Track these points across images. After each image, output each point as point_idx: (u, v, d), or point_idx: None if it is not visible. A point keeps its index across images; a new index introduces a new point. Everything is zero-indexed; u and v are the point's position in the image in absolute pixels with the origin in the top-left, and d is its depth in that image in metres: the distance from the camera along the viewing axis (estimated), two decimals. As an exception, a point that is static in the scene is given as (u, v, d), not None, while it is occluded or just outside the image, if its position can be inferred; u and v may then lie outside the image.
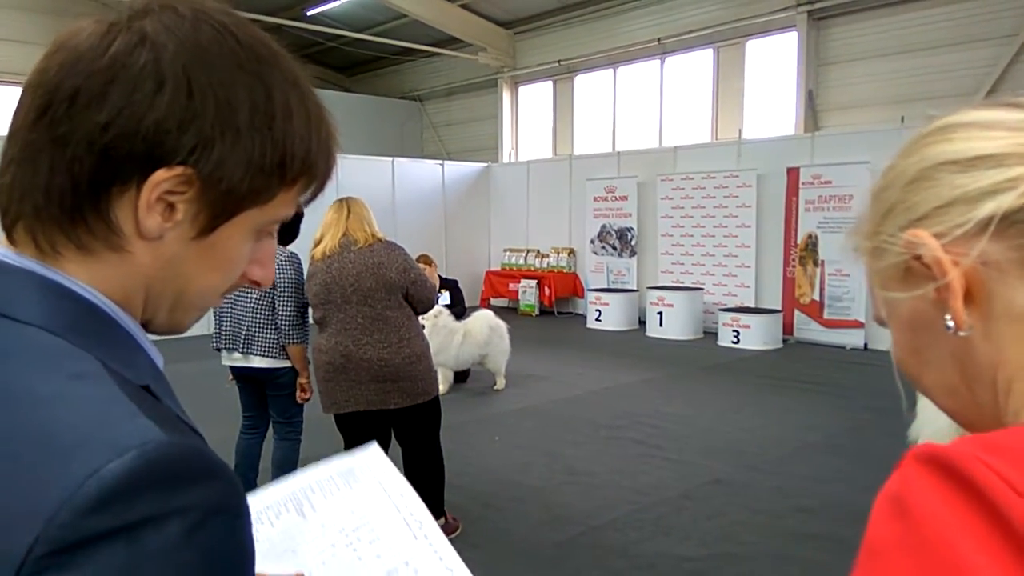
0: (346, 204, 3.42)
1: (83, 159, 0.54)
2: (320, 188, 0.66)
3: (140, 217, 0.56)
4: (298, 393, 3.64)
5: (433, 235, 12.28)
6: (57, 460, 0.46)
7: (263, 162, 0.58)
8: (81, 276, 0.57)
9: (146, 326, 0.63)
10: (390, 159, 12.46)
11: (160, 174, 0.55)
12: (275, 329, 3.50)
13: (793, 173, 9.31)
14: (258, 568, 0.86)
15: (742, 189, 9.91)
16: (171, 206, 0.57)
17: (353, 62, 16.55)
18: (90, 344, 0.54)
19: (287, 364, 3.55)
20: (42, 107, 0.55)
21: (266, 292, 3.46)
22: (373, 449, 0.99)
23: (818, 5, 9.75)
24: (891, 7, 9.30)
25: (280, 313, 3.47)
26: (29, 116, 0.56)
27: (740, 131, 10.78)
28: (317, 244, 3.41)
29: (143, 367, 0.58)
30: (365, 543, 0.89)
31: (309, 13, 13.43)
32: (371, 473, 0.95)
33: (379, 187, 11.62)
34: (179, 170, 0.55)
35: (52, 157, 0.55)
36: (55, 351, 0.53)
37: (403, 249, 3.41)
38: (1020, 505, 0.37)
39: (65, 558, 0.44)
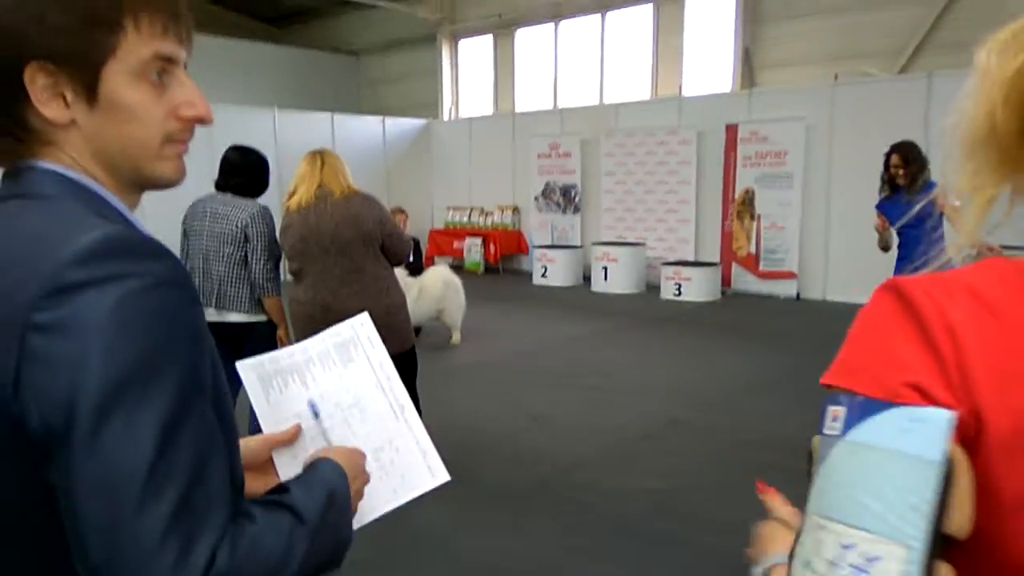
0: (320, 156, 3.41)
1: None
2: (169, 16, 0.77)
3: (43, 111, 0.73)
4: (279, 346, 3.65)
5: (375, 193, 11.94)
6: (50, 247, 0.68)
7: (71, 24, 0.71)
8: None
9: (143, 188, 0.81)
10: (329, 114, 12.18)
11: (27, 73, 0.71)
12: (248, 283, 3.48)
13: (731, 129, 9.60)
14: (268, 429, 1.03)
15: (682, 146, 10.17)
16: (63, 95, 0.73)
17: (284, 13, 15.95)
18: (82, 200, 0.75)
19: (263, 318, 3.54)
20: None
21: (239, 245, 3.44)
22: (364, 319, 1.10)
23: (755, -37, 9.95)
24: (824, -33, 9.58)
25: (254, 266, 3.44)
26: None
27: (680, 88, 11.00)
28: (291, 196, 3.40)
29: (116, 219, 0.76)
30: (357, 421, 1.03)
31: (238, -39, 12.85)
32: (363, 352, 1.07)
33: (317, 143, 11.17)
34: (32, 64, 0.71)
35: None
36: (55, 205, 0.74)
37: (379, 201, 3.45)
38: (931, 307, 0.59)
39: (54, 299, 0.65)
